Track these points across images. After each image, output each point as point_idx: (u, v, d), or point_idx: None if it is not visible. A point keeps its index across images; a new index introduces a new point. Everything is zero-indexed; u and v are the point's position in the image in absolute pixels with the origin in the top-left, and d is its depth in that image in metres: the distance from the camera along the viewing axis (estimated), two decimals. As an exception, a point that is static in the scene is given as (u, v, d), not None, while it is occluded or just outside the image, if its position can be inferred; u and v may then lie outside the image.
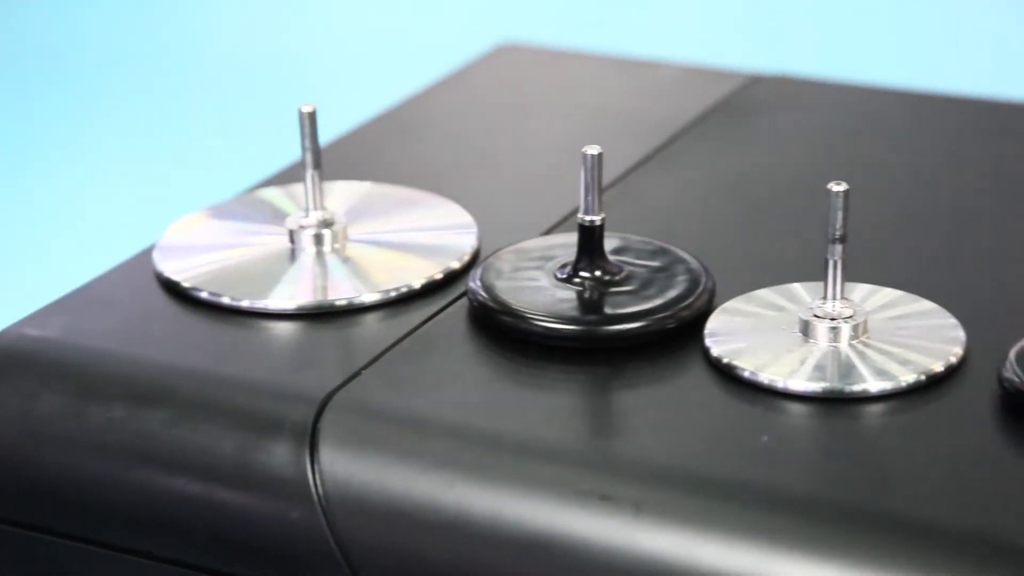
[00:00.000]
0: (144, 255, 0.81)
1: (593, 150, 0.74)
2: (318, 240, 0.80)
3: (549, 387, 0.70)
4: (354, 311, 0.76)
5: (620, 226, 0.80)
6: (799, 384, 0.68)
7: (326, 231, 0.80)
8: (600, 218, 0.75)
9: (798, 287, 0.74)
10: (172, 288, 0.78)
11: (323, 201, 0.80)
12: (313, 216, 0.80)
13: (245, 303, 0.76)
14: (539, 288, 0.75)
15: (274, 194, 0.85)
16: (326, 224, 0.80)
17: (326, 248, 0.80)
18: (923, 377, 0.68)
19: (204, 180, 1.55)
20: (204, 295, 0.77)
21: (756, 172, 0.90)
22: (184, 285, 0.77)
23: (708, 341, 0.71)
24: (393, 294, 0.76)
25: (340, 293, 0.76)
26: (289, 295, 0.76)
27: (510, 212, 0.85)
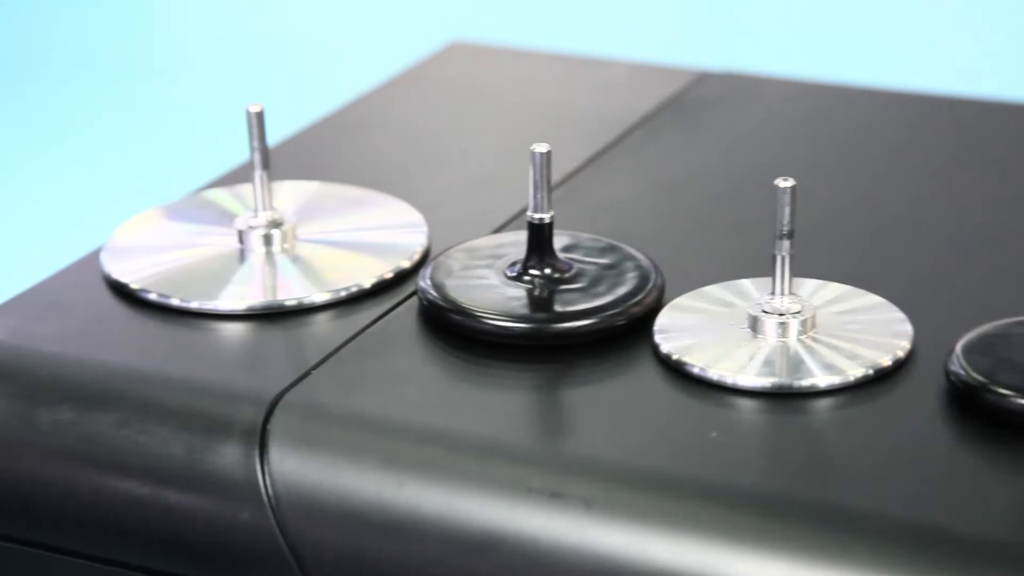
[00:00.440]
0: (92, 257, 0.81)
1: (541, 148, 0.74)
2: (267, 240, 0.79)
3: (499, 385, 0.70)
4: (304, 311, 0.76)
5: (570, 224, 0.80)
6: (748, 380, 0.69)
7: (275, 231, 0.80)
8: (549, 216, 0.75)
9: (747, 283, 0.75)
10: (120, 290, 0.78)
11: (272, 201, 0.80)
12: (262, 216, 0.80)
13: (194, 304, 0.76)
14: (489, 286, 0.75)
15: (221, 195, 0.85)
16: (275, 224, 0.80)
17: (275, 248, 0.79)
18: (871, 371, 0.69)
19: (152, 181, 1.55)
20: (153, 296, 0.76)
21: (705, 169, 0.90)
22: (133, 287, 0.77)
23: (658, 338, 0.72)
24: (343, 294, 0.76)
25: (290, 293, 0.76)
26: (239, 296, 0.76)
27: (460, 211, 0.85)
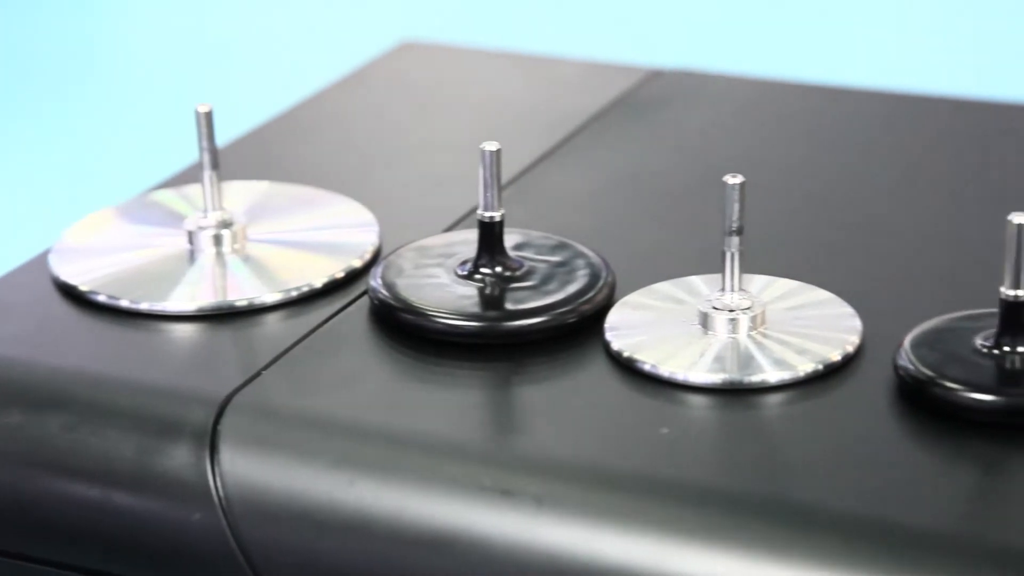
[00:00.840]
0: (40, 259, 0.80)
1: (491, 146, 0.74)
2: (217, 241, 0.79)
3: (450, 384, 0.70)
4: (255, 311, 0.75)
5: (521, 222, 0.80)
6: (699, 376, 0.69)
7: (225, 231, 0.79)
8: (500, 214, 0.75)
9: (697, 280, 0.75)
10: (69, 292, 0.77)
11: (221, 202, 0.80)
12: (212, 217, 0.80)
13: (144, 306, 0.75)
14: (440, 285, 0.75)
15: (169, 196, 0.85)
16: (225, 225, 0.80)
17: (225, 249, 0.79)
18: (821, 366, 0.69)
19: (101, 183, 1.54)
20: (102, 298, 0.76)
21: (656, 166, 0.90)
22: (82, 288, 0.77)
23: (609, 335, 0.72)
24: (294, 293, 0.76)
25: (240, 294, 0.76)
26: (189, 296, 0.76)
27: (411, 210, 0.85)
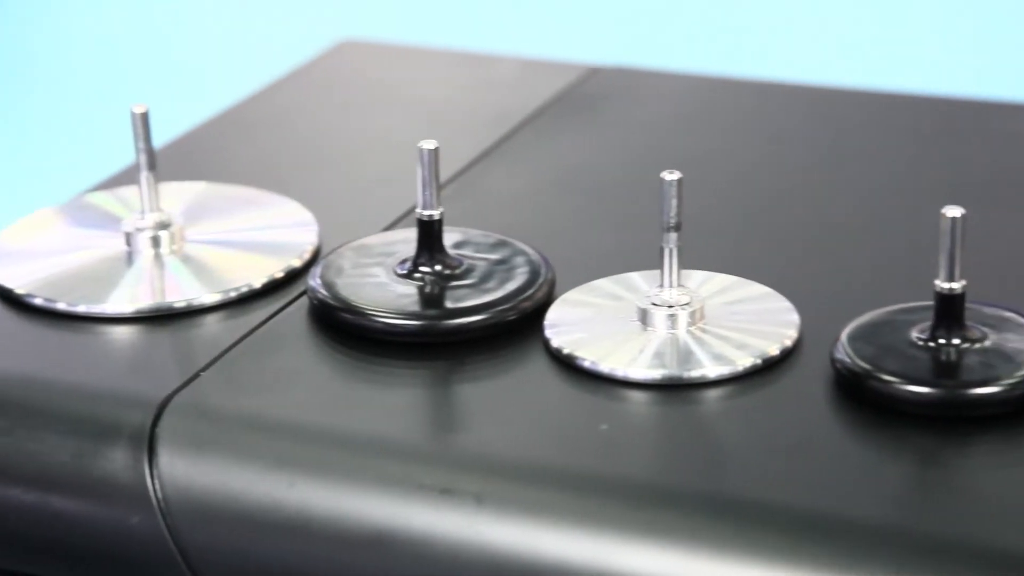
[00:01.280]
0: (-24, 262, 0.80)
1: (429, 145, 0.74)
2: (155, 242, 0.79)
3: (390, 383, 0.70)
4: (194, 313, 0.75)
5: (461, 220, 0.80)
6: (639, 372, 0.69)
7: (163, 233, 0.79)
8: (439, 212, 0.75)
9: (635, 276, 0.75)
10: (5, 295, 0.76)
11: (159, 203, 0.80)
12: (149, 218, 0.79)
13: (81, 308, 0.75)
14: (379, 284, 0.75)
15: (105, 198, 0.84)
16: (163, 226, 0.79)
17: (164, 250, 0.79)
18: (759, 361, 0.69)
19: (36, 186, 1.52)
20: (38, 301, 0.75)
21: (595, 163, 0.90)
22: (18, 292, 0.76)
23: (548, 332, 0.72)
24: (233, 294, 0.76)
25: (179, 295, 0.75)
26: (127, 298, 0.75)
27: (351, 209, 0.85)
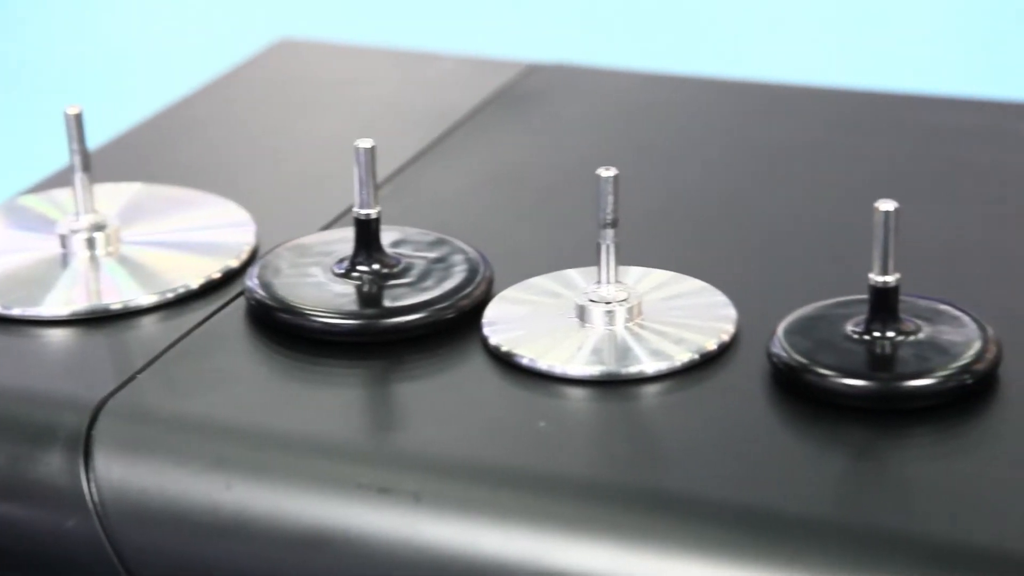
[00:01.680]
0: (-91, 266, 0.79)
1: (365, 144, 0.73)
2: (90, 244, 0.78)
3: (329, 382, 0.70)
4: (130, 314, 0.75)
5: (399, 218, 0.80)
6: (577, 369, 0.69)
7: (98, 234, 0.78)
8: (376, 211, 0.75)
9: (573, 273, 0.75)
10: (-61, 299, 0.76)
11: (93, 204, 0.79)
12: (84, 220, 0.79)
13: (16, 311, 0.74)
14: (317, 284, 0.74)
15: (38, 200, 0.84)
16: (98, 227, 0.79)
17: (99, 252, 0.78)
18: (697, 356, 0.70)
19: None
20: (-27, 304, 0.75)
21: (533, 161, 0.90)
22: (-49, 295, 0.75)
23: (486, 330, 0.72)
24: (170, 295, 0.75)
25: (115, 296, 0.75)
26: (62, 301, 0.75)
27: (289, 208, 0.85)
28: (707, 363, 0.70)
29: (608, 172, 0.71)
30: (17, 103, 1.70)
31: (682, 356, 0.70)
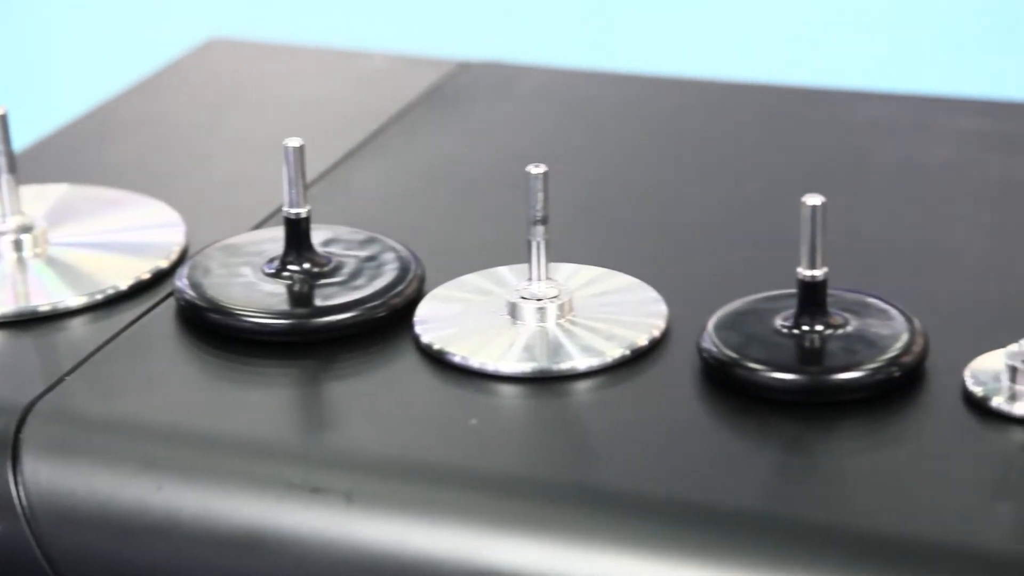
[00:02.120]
0: None
1: (294, 142, 0.73)
2: (17, 246, 0.78)
3: (260, 383, 0.70)
4: (58, 316, 0.74)
5: (331, 218, 0.80)
6: (509, 366, 0.69)
7: (25, 236, 0.78)
8: (305, 210, 0.75)
9: (504, 270, 0.75)
10: None
11: (20, 206, 0.78)
12: (10, 221, 0.78)
13: (-58, 314, 0.74)
14: (247, 284, 0.74)
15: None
16: (25, 229, 0.78)
17: (27, 253, 0.78)
18: (628, 352, 0.70)
19: None
20: None
21: (465, 158, 0.90)
22: None
23: (418, 328, 0.72)
24: (99, 296, 0.75)
25: (43, 298, 0.74)
26: (-11, 303, 0.74)
27: (219, 208, 0.84)
28: (638, 359, 0.70)
29: (537, 169, 0.71)
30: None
31: (613, 352, 0.70)
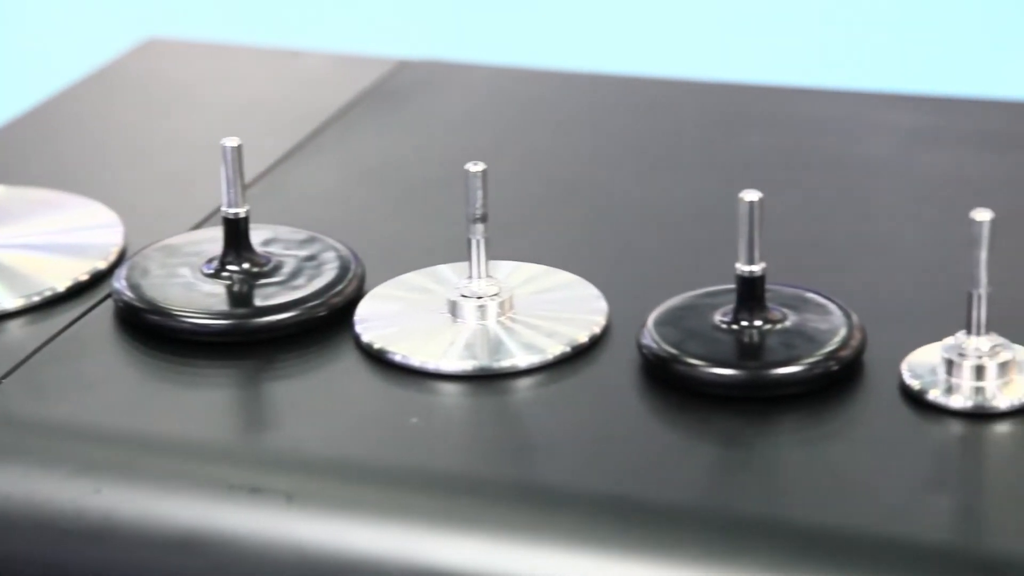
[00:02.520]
0: None
1: (231, 142, 0.73)
2: (-48, 248, 0.77)
3: (199, 383, 0.69)
4: (-5, 319, 0.74)
5: (271, 217, 0.80)
6: (450, 364, 0.69)
7: (-40, 238, 0.77)
8: (244, 210, 0.74)
9: (445, 268, 0.75)
10: None
11: (-46, 208, 0.78)
12: (-55, 224, 0.77)
13: None
14: (186, 284, 0.74)
15: None
16: (-40, 231, 0.77)
17: (-38, 256, 0.77)
18: (569, 349, 0.70)
19: None
20: None
21: (404, 157, 0.90)
22: None
23: (358, 328, 0.72)
24: (36, 298, 0.74)
25: (-21, 301, 0.74)
26: (-76, 307, 0.73)
27: (157, 209, 0.84)
28: (579, 355, 0.70)
29: (476, 167, 0.71)
30: None
31: (554, 349, 0.70)
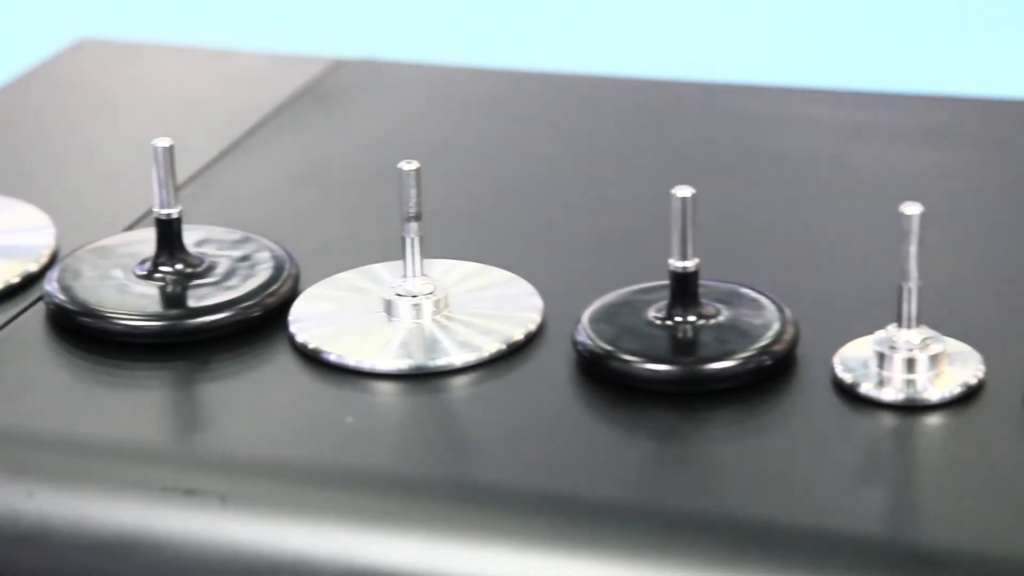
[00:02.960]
0: None
1: (163, 143, 0.73)
2: None
3: (132, 385, 0.69)
4: (-75, 323, 0.73)
5: (204, 218, 0.79)
6: (385, 363, 0.69)
7: None
8: (177, 211, 0.74)
9: (379, 267, 0.75)
10: None
11: None
12: None
13: None
14: (119, 286, 0.73)
15: None
16: None
17: None
18: (504, 346, 0.70)
19: None
20: None
21: (339, 156, 0.90)
22: None
23: (293, 328, 0.71)
24: (-34, 302, 0.74)
25: (-92, 305, 0.73)
26: None
27: (89, 210, 0.83)
28: (515, 353, 0.70)
29: (410, 166, 0.71)
30: None
31: (490, 347, 0.70)
